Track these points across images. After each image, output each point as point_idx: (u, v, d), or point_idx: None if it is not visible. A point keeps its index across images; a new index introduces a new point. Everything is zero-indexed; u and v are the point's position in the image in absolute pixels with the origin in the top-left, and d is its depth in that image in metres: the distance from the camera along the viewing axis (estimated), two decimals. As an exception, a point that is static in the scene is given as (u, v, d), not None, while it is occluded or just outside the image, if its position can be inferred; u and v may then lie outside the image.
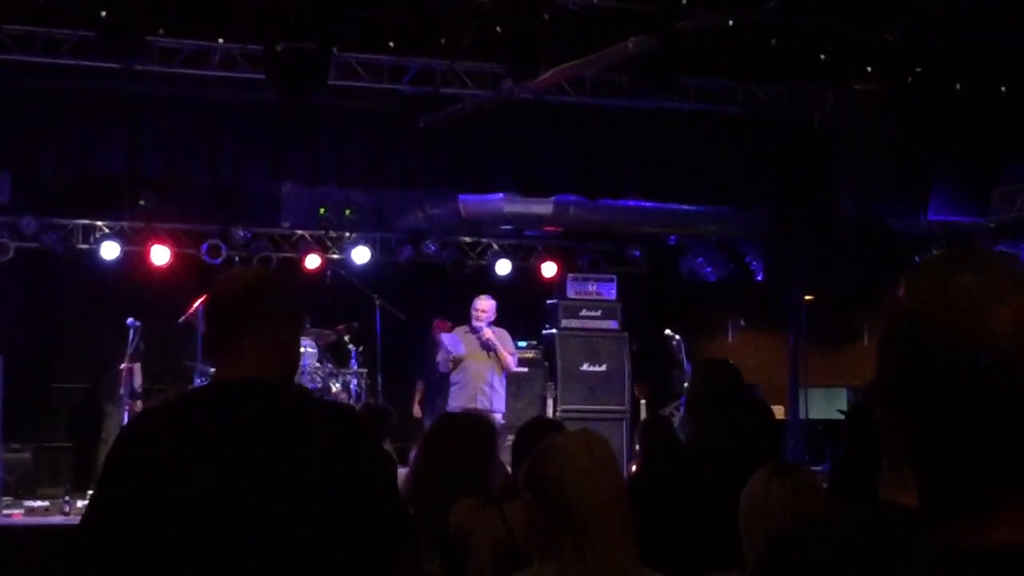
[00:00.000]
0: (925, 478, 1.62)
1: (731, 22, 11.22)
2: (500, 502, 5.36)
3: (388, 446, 10.27)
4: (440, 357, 13.84)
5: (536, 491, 3.62)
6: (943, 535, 1.59)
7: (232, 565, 3.01)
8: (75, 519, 11.59)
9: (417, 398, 14.78)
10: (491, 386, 13.68)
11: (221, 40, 12.45)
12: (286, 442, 3.13)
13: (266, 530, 3.03)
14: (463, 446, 5.76)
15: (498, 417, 12.95)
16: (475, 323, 13.73)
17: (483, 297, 13.95)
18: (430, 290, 15.73)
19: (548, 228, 16.83)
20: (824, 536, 1.90)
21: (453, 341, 13.70)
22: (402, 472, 6.41)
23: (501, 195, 15.33)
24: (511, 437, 6.47)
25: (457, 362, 13.70)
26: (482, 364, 13.70)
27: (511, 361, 13.86)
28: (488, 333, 13.67)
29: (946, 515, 1.59)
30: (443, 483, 5.61)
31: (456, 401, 13.61)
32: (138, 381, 14.31)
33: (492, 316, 13.81)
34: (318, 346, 14.38)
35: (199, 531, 3.01)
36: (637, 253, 17.67)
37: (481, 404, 13.12)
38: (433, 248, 16.58)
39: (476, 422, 6.30)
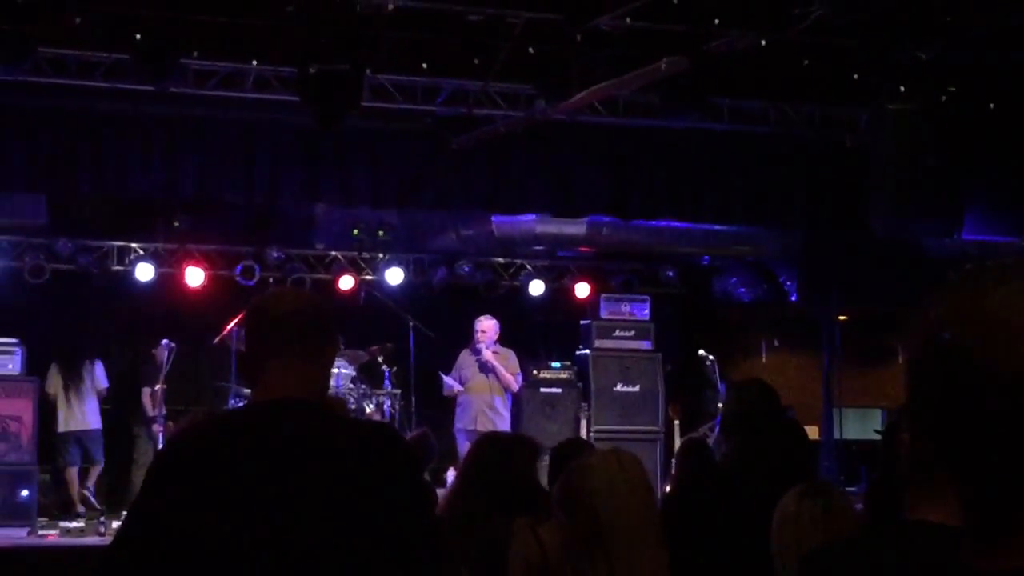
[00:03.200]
0: (962, 499, 1.57)
1: (763, 42, 11.21)
2: (534, 523, 5.36)
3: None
4: (445, 383, 13.99)
5: (568, 510, 3.62)
6: (982, 557, 1.54)
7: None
8: (110, 540, 11.61)
9: None
10: (493, 408, 13.72)
11: (255, 62, 12.52)
12: (330, 462, 3.12)
13: (307, 549, 3.02)
14: (507, 466, 5.76)
15: None
16: (477, 344, 13.77)
17: (484, 317, 14.00)
18: (464, 311, 15.72)
19: (581, 248, 16.82)
20: (855, 554, 1.90)
21: (450, 382, 13.89)
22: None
23: (534, 216, 15.34)
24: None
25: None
26: (484, 385, 13.73)
27: (512, 382, 13.87)
28: (488, 355, 13.71)
29: (986, 537, 1.54)
30: (488, 503, 5.61)
31: (460, 422, 13.75)
32: (160, 403, 14.21)
33: (494, 335, 13.85)
34: (352, 367, 14.39)
35: (239, 550, 3.01)
36: (671, 273, 17.63)
37: (483, 426, 13.08)
38: (467, 269, 16.57)
39: (519, 443, 6.28)
